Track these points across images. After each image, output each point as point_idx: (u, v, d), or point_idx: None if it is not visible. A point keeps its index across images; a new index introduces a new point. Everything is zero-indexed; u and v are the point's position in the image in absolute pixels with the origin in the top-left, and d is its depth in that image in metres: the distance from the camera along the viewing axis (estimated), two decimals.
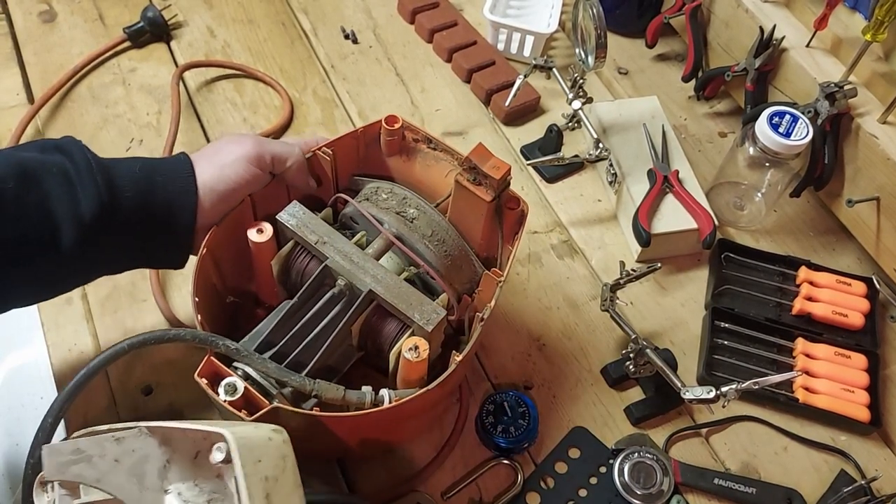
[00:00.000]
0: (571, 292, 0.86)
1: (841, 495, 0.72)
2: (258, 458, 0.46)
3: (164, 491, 0.48)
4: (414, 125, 0.72)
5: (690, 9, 1.00)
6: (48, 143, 0.59)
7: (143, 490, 0.47)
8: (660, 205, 0.87)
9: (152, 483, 0.48)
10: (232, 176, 0.63)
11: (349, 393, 0.59)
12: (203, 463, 0.50)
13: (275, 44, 1.05)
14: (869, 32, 0.79)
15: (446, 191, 0.71)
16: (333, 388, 0.59)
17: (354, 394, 0.59)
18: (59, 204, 0.55)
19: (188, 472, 0.50)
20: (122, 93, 0.97)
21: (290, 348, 0.61)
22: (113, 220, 0.57)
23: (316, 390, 0.58)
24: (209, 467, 0.48)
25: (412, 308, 0.62)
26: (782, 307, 0.84)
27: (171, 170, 0.61)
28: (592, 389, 0.79)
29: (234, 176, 0.63)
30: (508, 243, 0.69)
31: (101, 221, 0.56)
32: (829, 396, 0.77)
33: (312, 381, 0.58)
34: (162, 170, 0.61)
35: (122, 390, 0.74)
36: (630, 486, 0.71)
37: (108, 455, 0.48)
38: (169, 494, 0.48)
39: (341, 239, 0.65)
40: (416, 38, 1.08)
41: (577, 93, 0.91)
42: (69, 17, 1.04)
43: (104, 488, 0.47)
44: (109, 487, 0.47)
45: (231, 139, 0.66)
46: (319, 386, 0.58)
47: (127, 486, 0.47)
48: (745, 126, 0.87)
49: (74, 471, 0.47)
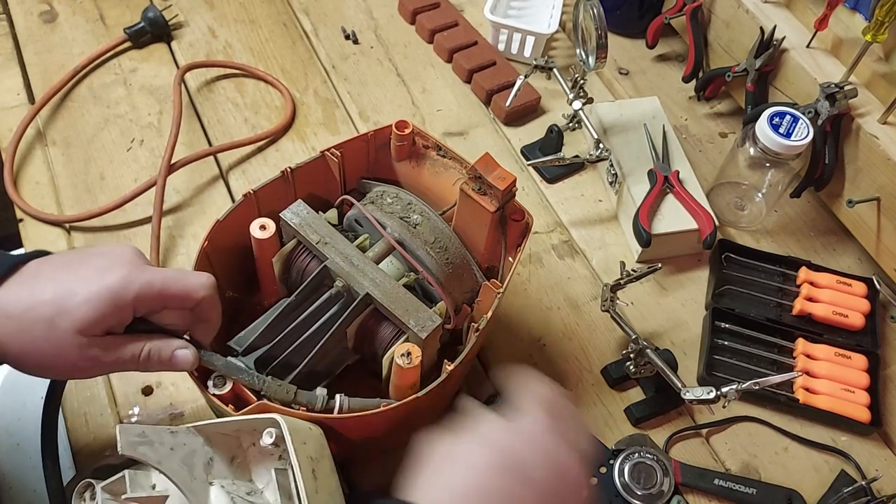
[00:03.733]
0: (572, 292, 0.86)
1: (841, 496, 0.72)
2: (303, 441, 0.53)
3: (209, 483, 0.54)
4: (424, 131, 0.72)
5: (691, 9, 1.00)
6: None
7: (192, 479, 0.53)
8: (660, 205, 0.87)
9: (199, 474, 0.54)
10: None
11: (301, 394, 0.59)
12: (239, 466, 0.57)
13: (276, 44, 1.05)
14: (869, 33, 0.79)
15: (453, 199, 0.71)
16: (284, 388, 0.59)
17: (305, 395, 0.59)
18: None
19: (227, 471, 0.56)
20: (123, 93, 0.97)
21: (284, 346, 0.61)
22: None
23: (265, 390, 0.58)
24: (245, 469, 0.57)
25: (408, 314, 0.62)
26: (783, 307, 0.84)
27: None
28: (593, 390, 0.79)
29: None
30: (511, 254, 0.69)
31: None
32: (830, 397, 0.77)
33: (262, 379, 0.58)
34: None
35: (122, 390, 0.74)
36: (630, 486, 0.71)
37: (165, 443, 0.52)
38: (213, 486, 0.54)
39: (343, 240, 0.65)
40: (417, 39, 1.08)
41: (578, 93, 0.92)
42: (70, 17, 1.04)
43: (163, 470, 0.51)
44: (167, 471, 0.51)
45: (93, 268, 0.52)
46: (269, 385, 0.58)
47: (180, 472, 0.52)
48: (746, 126, 0.87)
49: (141, 450, 0.51)
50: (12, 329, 0.49)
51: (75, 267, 0.52)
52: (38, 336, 0.49)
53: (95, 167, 0.90)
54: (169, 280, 0.53)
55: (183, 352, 0.55)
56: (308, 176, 0.71)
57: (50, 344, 0.49)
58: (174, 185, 0.89)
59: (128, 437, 0.51)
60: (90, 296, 0.49)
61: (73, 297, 0.49)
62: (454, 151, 0.72)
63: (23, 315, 0.49)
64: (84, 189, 0.88)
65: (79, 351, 0.50)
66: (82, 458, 0.69)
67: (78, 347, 0.50)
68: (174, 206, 0.88)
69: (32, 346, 0.49)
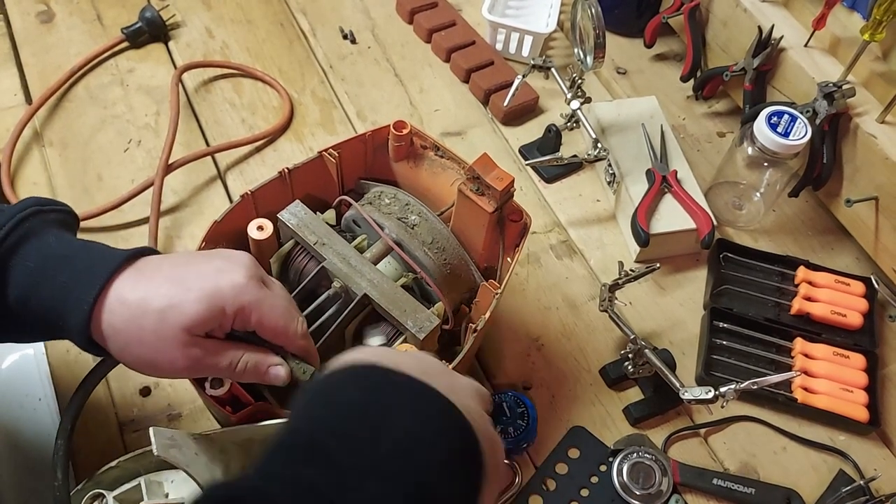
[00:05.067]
0: (570, 292, 0.86)
1: (840, 495, 0.72)
2: None
3: None
4: (422, 131, 0.72)
5: (689, 9, 1.00)
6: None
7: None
8: (658, 205, 0.87)
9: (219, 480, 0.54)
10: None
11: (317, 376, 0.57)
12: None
13: (273, 44, 1.05)
14: (867, 32, 0.79)
15: (451, 199, 0.71)
16: (301, 368, 0.56)
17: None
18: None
19: None
20: (121, 93, 0.97)
21: None
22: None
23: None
24: None
25: (406, 315, 0.62)
26: (781, 307, 0.84)
27: (82, 271, 0.50)
28: (591, 390, 0.79)
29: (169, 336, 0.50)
30: (509, 255, 0.69)
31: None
32: (828, 396, 0.77)
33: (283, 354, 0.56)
34: (71, 268, 0.50)
35: (120, 391, 0.74)
36: (629, 486, 0.71)
37: (191, 447, 0.54)
38: None
39: (340, 241, 0.65)
40: (415, 39, 1.08)
41: (576, 93, 0.91)
42: (67, 17, 1.04)
43: (192, 474, 0.52)
44: (195, 474, 0.52)
45: (223, 264, 0.53)
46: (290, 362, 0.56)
47: (206, 476, 0.53)
48: (744, 126, 0.87)
49: (172, 453, 0.52)
50: (125, 315, 0.49)
51: (195, 264, 0.52)
52: (146, 327, 0.49)
53: (93, 168, 0.90)
54: (273, 315, 0.53)
55: (277, 369, 0.55)
56: (306, 176, 0.71)
57: (156, 337, 0.49)
58: (171, 185, 0.89)
59: (161, 440, 0.52)
60: (202, 296, 0.50)
61: (187, 294, 0.50)
62: (452, 151, 0.72)
63: (138, 304, 0.49)
64: (81, 190, 0.88)
65: (181, 349, 0.50)
66: (81, 459, 0.69)
67: (182, 345, 0.50)
68: (171, 207, 0.88)
69: (139, 336, 0.50)
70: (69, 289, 0.49)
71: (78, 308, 0.49)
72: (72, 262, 0.50)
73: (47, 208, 0.54)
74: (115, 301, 0.49)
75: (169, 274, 0.51)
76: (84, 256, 0.51)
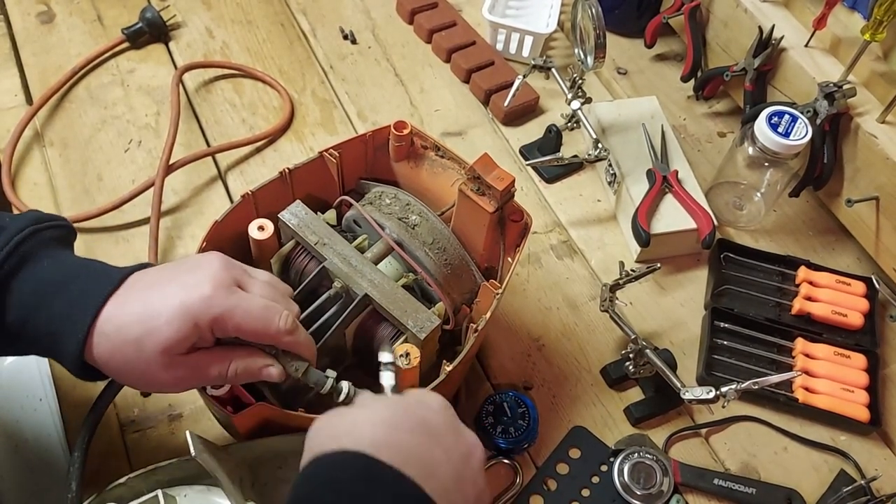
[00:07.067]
0: (571, 293, 0.86)
1: (840, 495, 0.72)
2: None
3: (245, 501, 0.56)
4: (423, 131, 0.72)
5: (689, 9, 1.00)
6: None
7: (237, 492, 0.55)
8: (659, 205, 0.87)
9: (246, 493, 0.57)
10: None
11: (311, 372, 0.56)
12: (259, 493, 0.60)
13: (273, 45, 1.05)
14: (868, 32, 0.79)
15: (452, 199, 0.71)
16: (293, 366, 0.56)
17: (315, 374, 0.56)
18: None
19: (252, 494, 0.58)
20: (121, 94, 0.97)
21: None
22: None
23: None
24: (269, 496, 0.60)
25: (407, 315, 0.62)
26: (782, 307, 0.84)
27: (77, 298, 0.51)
28: (592, 390, 0.79)
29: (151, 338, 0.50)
30: (510, 255, 0.69)
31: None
32: (829, 396, 0.77)
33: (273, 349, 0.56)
34: (64, 298, 0.51)
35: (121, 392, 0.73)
36: (630, 486, 0.71)
37: (217, 455, 0.56)
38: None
39: (341, 241, 0.65)
40: (415, 39, 1.08)
41: (577, 93, 0.91)
42: (67, 17, 1.04)
43: (220, 480, 0.54)
44: (222, 481, 0.54)
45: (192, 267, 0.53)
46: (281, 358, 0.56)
47: (229, 485, 0.55)
48: (745, 126, 0.87)
49: (204, 457, 0.53)
50: (109, 347, 0.50)
51: (163, 283, 0.52)
52: (129, 355, 0.50)
53: (93, 168, 0.90)
54: (249, 319, 0.52)
55: (268, 369, 0.55)
56: (306, 176, 0.71)
57: (140, 363, 0.50)
58: (172, 185, 0.89)
59: (197, 444, 0.53)
60: (172, 317, 0.50)
61: (157, 319, 0.50)
62: (453, 152, 0.72)
63: (117, 334, 0.50)
64: (82, 190, 0.88)
65: (165, 371, 0.51)
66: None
67: (164, 367, 0.51)
68: (172, 207, 0.88)
69: (126, 364, 0.51)
70: (63, 319, 0.50)
71: (72, 341, 0.50)
72: (66, 289, 0.51)
73: (44, 225, 0.54)
74: (99, 334, 0.50)
75: (140, 296, 0.51)
76: (74, 287, 0.51)
